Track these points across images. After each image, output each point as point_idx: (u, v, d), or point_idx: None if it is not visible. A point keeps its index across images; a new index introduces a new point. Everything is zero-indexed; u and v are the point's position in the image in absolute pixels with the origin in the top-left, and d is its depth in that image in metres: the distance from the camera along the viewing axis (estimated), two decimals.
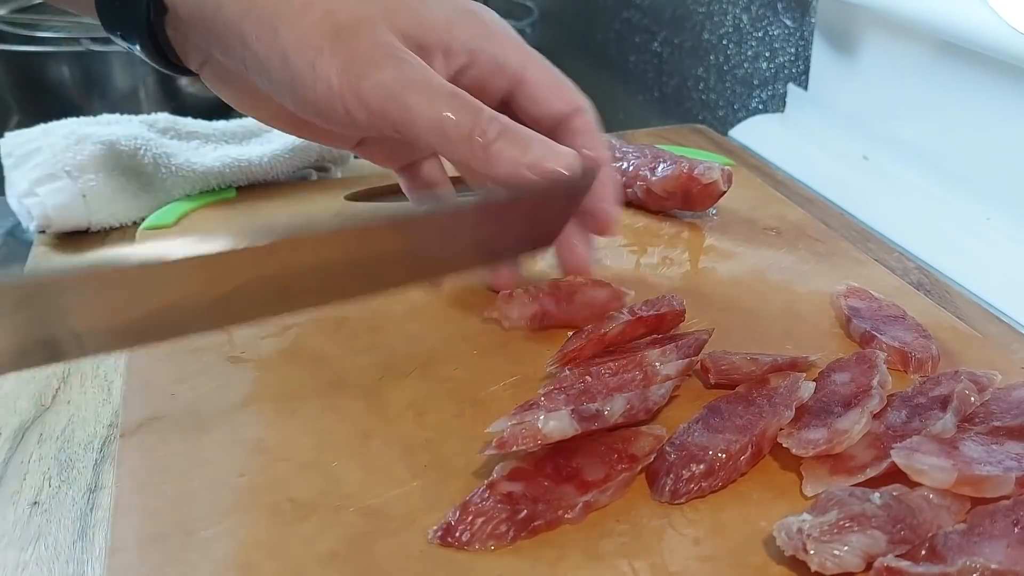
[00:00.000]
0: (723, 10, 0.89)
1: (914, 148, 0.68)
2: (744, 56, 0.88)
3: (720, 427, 0.38)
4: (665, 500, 0.36)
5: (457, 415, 0.41)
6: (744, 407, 0.39)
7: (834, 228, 0.59)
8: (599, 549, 0.34)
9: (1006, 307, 0.53)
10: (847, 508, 0.32)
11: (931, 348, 0.44)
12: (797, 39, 0.80)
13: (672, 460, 0.36)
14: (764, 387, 0.40)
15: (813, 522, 0.32)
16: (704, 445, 0.37)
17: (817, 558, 0.31)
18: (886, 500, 0.33)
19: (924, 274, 0.55)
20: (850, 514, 0.32)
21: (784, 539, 0.32)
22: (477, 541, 0.33)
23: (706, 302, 0.50)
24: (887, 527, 0.32)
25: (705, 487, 0.36)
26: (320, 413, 0.41)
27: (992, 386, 0.40)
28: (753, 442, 0.37)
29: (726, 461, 0.36)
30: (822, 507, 0.33)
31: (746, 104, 0.88)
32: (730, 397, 0.40)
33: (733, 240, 0.57)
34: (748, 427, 0.37)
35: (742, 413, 0.39)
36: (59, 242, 0.58)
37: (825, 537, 0.31)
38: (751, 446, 0.37)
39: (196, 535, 0.34)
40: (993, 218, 0.61)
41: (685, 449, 0.37)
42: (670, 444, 0.37)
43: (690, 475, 0.36)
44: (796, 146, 0.75)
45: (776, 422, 0.37)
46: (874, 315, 0.47)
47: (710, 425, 0.38)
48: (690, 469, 0.36)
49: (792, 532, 0.32)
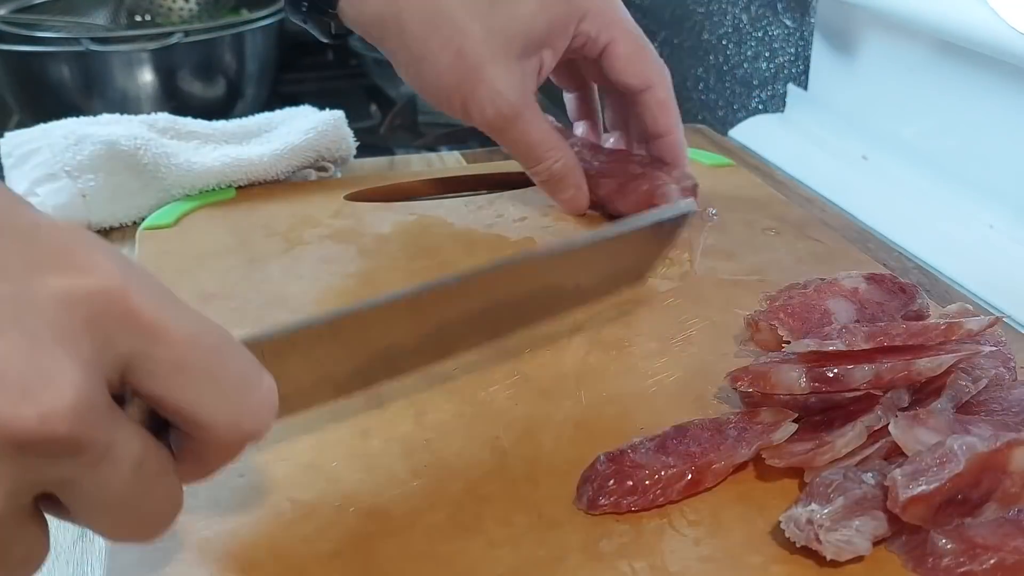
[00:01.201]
0: (723, 10, 0.89)
1: (914, 148, 0.68)
2: (744, 56, 0.88)
3: (672, 449, 0.36)
4: (582, 508, 0.35)
5: (457, 415, 0.41)
6: (711, 435, 0.37)
7: (834, 228, 0.59)
8: (599, 549, 0.34)
9: (1006, 307, 0.53)
10: (850, 494, 0.32)
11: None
12: (797, 39, 0.80)
13: (600, 470, 0.36)
14: (751, 417, 0.38)
15: (821, 512, 0.32)
16: (640, 464, 0.36)
17: (831, 547, 0.31)
18: (878, 479, 0.33)
19: (924, 274, 0.55)
20: (854, 498, 0.32)
21: (794, 530, 0.32)
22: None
23: (706, 302, 0.50)
24: (884, 506, 0.32)
25: (625, 504, 0.35)
26: (320, 413, 0.41)
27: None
28: (693, 471, 0.35)
29: (652, 485, 0.35)
30: (823, 495, 0.33)
31: (746, 104, 0.88)
32: (705, 422, 0.38)
33: (733, 240, 0.57)
34: (696, 456, 0.36)
35: (703, 440, 0.37)
36: None
37: (835, 525, 0.32)
38: (690, 475, 0.35)
39: (196, 535, 0.34)
40: (993, 218, 0.61)
41: (617, 463, 0.36)
42: (608, 454, 0.36)
43: (612, 489, 0.35)
44: (796, 146, 0.75)
45: (729, 459, 0.36)
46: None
47: (665, 445, 0.37)
48: (614, 483, 0.35)
49: (802, 523, 0.32)
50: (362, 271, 0.52)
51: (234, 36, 0.97)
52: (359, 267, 0.52)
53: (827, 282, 0.45)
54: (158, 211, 0.60)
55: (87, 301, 0.23)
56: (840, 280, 0.45)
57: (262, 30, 0.99)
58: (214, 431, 0.26)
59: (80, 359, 0.23)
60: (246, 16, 1.02)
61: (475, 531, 0.34)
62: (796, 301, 0.44)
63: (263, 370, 0.28)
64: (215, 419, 0.26)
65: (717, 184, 0.64)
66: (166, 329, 0.24)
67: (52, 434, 0.22)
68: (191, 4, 1.11)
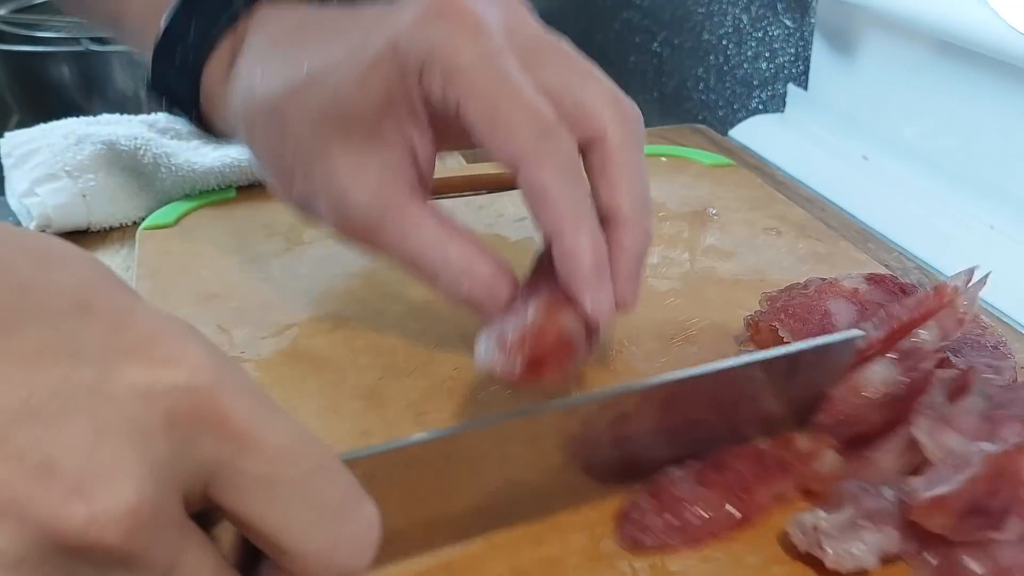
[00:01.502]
0: (723, 10, 0.89)
1: (914, 148, 0.68)
2: (744, 56, 0.87)
3: (712, 482, 0.34)
4: (626, 549, 0.33)
5: (457, 415, 0.40)
6: (750, 464, 0.35)
7: (834, 228, 0.59)
8: (599, 549, 0.34)
9: (1006, 307, 0.53)
10: (862, 505, 0.32)
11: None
12: (797, 39, 0.80)
13: (643, 506, 0.34)
14: (787, 445, 0.36)
15: (828, 519, 0.31)
16: (682, 498, 0.34)
17: (833, 556, 0.31)
18: (895, 494, 0.32)
19: (924, 273, 0.55)
20: (865, 511, 0.32)
21: (799, 535, 0.32)
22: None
23: (707, 302, 0.50)
24: (899, 523, 0.32)
25: (672, 545, 0.33)
26: (320, 413, 0.41)
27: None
28: (740, 507, 0.34)
29: (703, 525, 0.33)
30: (835, 503, 0.32)
31: (746, 104, 0.88)
32: (742, 450, 0.36)
33: (733, 240, 0.57)
34: (739, 490, 0.34)
35: (744, 471, 0.35)
36: None
37: (841, 535, 0.31)
38: (734, 511, 0.34)
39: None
40: (993, 218, 0.61)
41: (659, 499, 0.34)
42: (648, 488, 0.34)
43: (657, 528, 0.33)
44: (796, 146, 0.75)
45: (774, 493, 0.35)
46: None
47: (704, 477, 0.35)
48: (660, 520, 0.33)
49: (807, 528, 0.32)
50: (363, 271, 0.52)
51: None
52: (360, 267, 0.52)
53: (827, 283, 0.45)
54: (158, 211, 0.59)
55: (170, 396, 0.21)
56: (840, 281, 0.45)
57: None
58: (304, 562, 0.23)
59: (151, 460, 0.20)
60: None
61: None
62: (797, 302, 0.44)
63: (365, 496, 0.24)
64: (306, 548, 0.23)
65: (717, 184, 0.64)
66: (258, 438, 0.22)
67: (101, 540, 0.19)
68: None
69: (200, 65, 0.44)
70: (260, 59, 0.41)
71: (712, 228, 0.58)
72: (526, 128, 0.33)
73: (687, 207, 0.61)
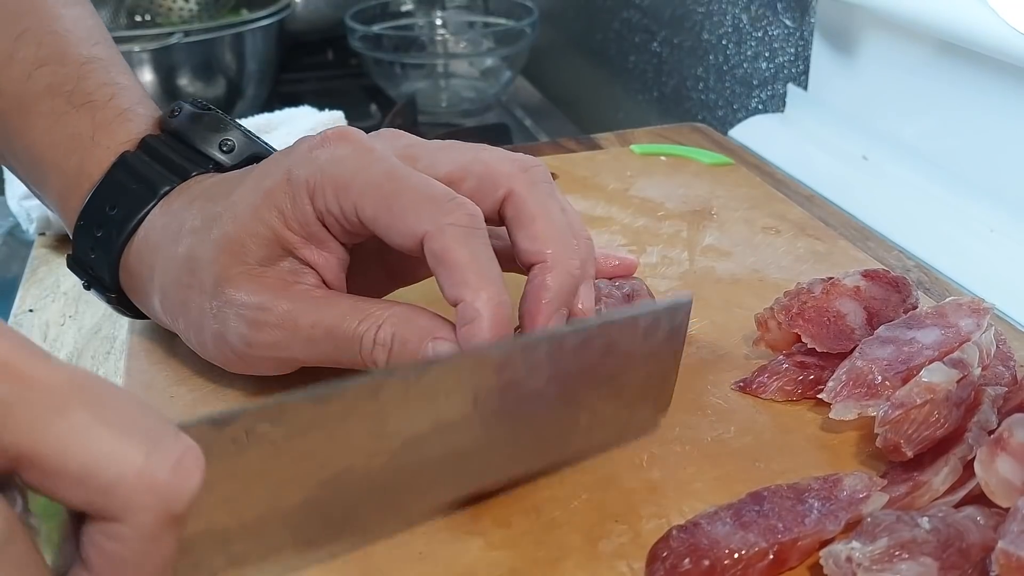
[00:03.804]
0: (723, 10, 0.89)
1: (914, 148, 0.68)
2: (744, 56, 0.87)
3: (751, 523, 0.33)
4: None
5: None
6: (792, 504, 0.34)
7: (833, 227, 0.59)
8: (599, 549, 0.34)
9: (1006, 306, 0.53)
10: (897, 535, 0.31)
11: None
12: (797, 39, 0.80)
13: (674, 546, 0.32)
14: (833, 485, 0.35)
15: (863, 550, 0.30)
16: (717, 539, 0.32)
17: None
18: (935, 524, 0.31)
19: (924, 272, 0.55)
20: (900, 541, 0.30)
21: (832, 567, 0.31)
22: (768, 392, 0.41)
23: (706, 302, 0.50)
24: (937, 553, 0.30)
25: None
26: None
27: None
28: (776, 551, 0.32)
29: (732, 565, 0.32)
30: (869, 533, 0.31)
31: (746, 104, 0.88)
32: (783, 488, 0.35)
33: (732, 239, 0.57)
34: (779, 532, 0.33)
35: (784, 511, 0.34)
36: (59, 244, 0.58)
37: (876, 566, 0.30)
38: (772, 554, 0.32)
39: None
40: (993, 218, 0.61)
41: (694, 537, 0.32)
42: (681, 527, 0.33)
43: (688, 570, 0.32)
44: (796, 146, 0.75)
45: (816, 536, 0.33)
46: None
47: (742, 517, 0.33)
48: (690, 562, 0.32)
49: (840, 560, 0.31)
50: None
51: (234, 36, 0.98)
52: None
53: (831, 282, 0.45)
54: None
55: None
56: (841, 280, 0.45)
57: (262, 30, 0.99)
58: (123, 487, 0.22)
59: None
60: (246, 16, 1.02)
61: (474, 532, 0.34)
62: (810, 306, 0.44)
63: (178, 431, 0.24)
64: (121, 468, 0.22)
65: (716, 183, 0.64)
66: (40, 375, 0.22)
67: None
68: (191, 4, 1.11)
69: (121, 246, 0.42)
70: (175, 216, 0.41)
71: (711, 227, 0.58)
72: (422, 206, 0.35)
73: (686, 206, 0.61)
